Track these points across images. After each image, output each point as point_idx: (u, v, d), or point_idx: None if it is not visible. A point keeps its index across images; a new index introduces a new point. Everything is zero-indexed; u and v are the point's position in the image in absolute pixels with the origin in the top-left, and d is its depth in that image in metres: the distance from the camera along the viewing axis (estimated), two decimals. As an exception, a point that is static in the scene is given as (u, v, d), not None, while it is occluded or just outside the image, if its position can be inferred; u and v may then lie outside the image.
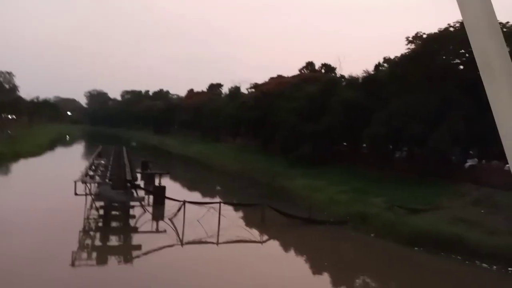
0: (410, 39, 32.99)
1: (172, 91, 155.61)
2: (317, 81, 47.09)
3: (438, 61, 29.85)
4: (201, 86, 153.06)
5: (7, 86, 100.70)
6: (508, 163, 1.13)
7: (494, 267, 15.84)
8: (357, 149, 39.45)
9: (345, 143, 43.55)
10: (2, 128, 71.16)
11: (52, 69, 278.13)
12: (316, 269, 16.82)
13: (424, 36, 32.05)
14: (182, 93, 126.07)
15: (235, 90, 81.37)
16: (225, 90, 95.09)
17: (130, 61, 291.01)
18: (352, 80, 40.37)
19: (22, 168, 41.50)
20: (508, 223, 18.50)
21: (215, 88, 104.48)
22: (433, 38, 30.78)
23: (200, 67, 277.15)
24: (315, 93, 43.20)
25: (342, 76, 45.73)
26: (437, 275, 16.07)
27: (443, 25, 31.04)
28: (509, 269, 15.59)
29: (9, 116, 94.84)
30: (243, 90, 78.85)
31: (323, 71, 57.20)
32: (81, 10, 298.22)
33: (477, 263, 16.25)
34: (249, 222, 22.22)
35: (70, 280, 13.24)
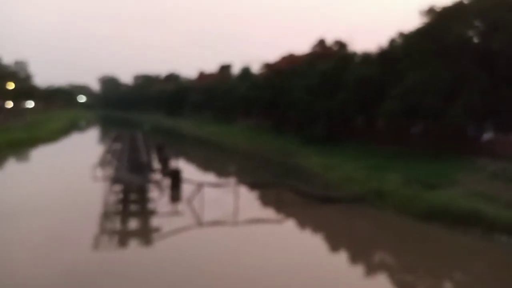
0: (424, 12, 32.24)
1: (183, 74, 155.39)
2: (330, 57, 46.49)
3: (452, 34, 29.17)
4: (212, 67, 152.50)
5: (22, 75, 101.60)
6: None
7: (513, 240, 15.80)
8: (372, 126, 39.12)
9: (359, 120, 43.21)
10: (19, 115, 72.26)
11: (65, 56, 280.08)
12: (334, 246, 16.97)
13: (438, 9, 31.30)
14: (193, 75, 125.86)
15: (246, 70, 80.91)
16: (236, 70, 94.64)
17: (141, 45, 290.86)
18: (366, 56, 39.73)
19: (40, 153, 42.22)
20: (526, 196, 18.34)
21: (226, 68, 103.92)
22: (447, 11, 30.03)
23: (211, 48, 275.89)
24: (327, 70, 42.71)
25: (355, 52, 44.99)
26: (455, 249, 16.10)
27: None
28: (529, 242, 15.54)
29: (26, 103, 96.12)
30: (254, 69, 78.44)
31: (335, 48, 56.34)
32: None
33: (495, 237, 16.21)
34: (266, 201, 22.42)
35: (93, 263, 13.59)
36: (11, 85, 78.88)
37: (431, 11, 31.78)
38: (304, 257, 15.18)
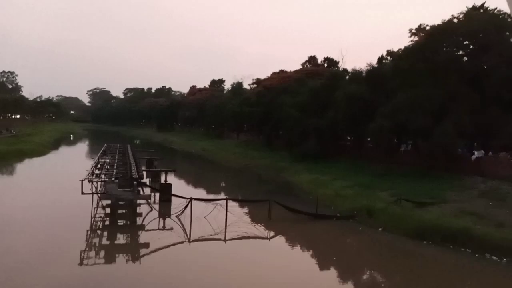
0: (414, 31, 32.77)
1: (174, 88, 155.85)
2: (320, 75, 47.00)
3: (442, 53, 29.64)
4: (203, 82, 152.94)
5: (10, 85, 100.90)
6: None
7: (504, 259, 15.78)
8: (361, 143, 39.31)
9: (349, 138, 43.42)
10: (6, 127, 71.43)
11: (55, 68, 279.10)
12: (324, 264, 16.81)
13: (428, 28, 31.80)
14: (185, 89, 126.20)
15: (238, 86, 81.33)
16: (227, 85, 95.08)
17: (132, 58, 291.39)
18: (356, 74, 40.17)
19: (27, 167, 41.63)
20: (516, 215, 18.43)
21: (217, 83, 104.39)
22: (436, 30, 30.55)
23: (202, 63, 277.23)
24: (318, 87, 43.07)
25: (345, 70, 45.50)
26: (446, 269, 16.03)
27: (446, 17, 30.81)
28: (518, 261, 15.53)
29: (13, 116, 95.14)
30: (246, 85, 78.88)
31: (325, 65, 56.99)
32: (83, 7, 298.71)
33: (486, 256, 16.19)
34: (256, 218, 22.22)
35: (78, 279, 13.27)
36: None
37: (420, 30, 32.33)
38: (293, 274, 15.00)
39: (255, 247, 18.24)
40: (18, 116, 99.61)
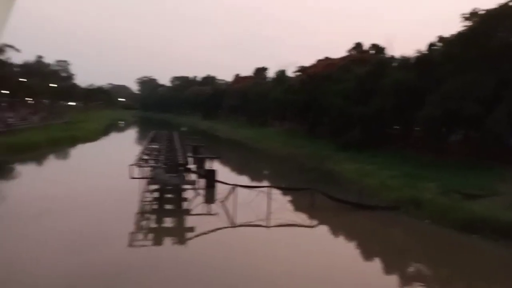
0: (467, 15, 31.32)
1: (219, 77, 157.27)
2: (366, 62, 45.86)
3: (496, 38, 28.21)
4: (247, 70, 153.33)
5: (63, 74, 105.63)
6: None
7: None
8: (409, 133, 38.30)
9: (396, 126, 42.37)
10: (60, 114, 75.03)
11: (105, 57, 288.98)
12: (368, 255, 16.66)
13: (482, 12, 30.33)
14: (229, 78, 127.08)
15: (281, 74, 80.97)
16: (271, 73, 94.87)
17: (179, 47, 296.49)
18: (404, 61, 38.97)
19: (79, 152, 43.65)
20: None
21: (261, 72, 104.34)
22: (491, 15, 29.08)
23: (246, 51, 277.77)
24: (364, 74, 42.16)
25: (392, 57, 44.16)
26: (496, 263, 15.51)
27: (502, 0, 29.21)
28: None
29: (66, 103, 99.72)
30: (290, 73, 78.40)
31: (372, 52, 55.54)
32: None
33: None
34: (299, 206, 22.32)
35: (127, 259, 13.91)
36: (52, 84, 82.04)
37: (474, 15, 30.86)
38: (337, 263, 15.04)
39: (298, 235, 18.36)
40: (71, 103, 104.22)
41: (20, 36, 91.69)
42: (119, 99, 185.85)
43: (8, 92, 64.90)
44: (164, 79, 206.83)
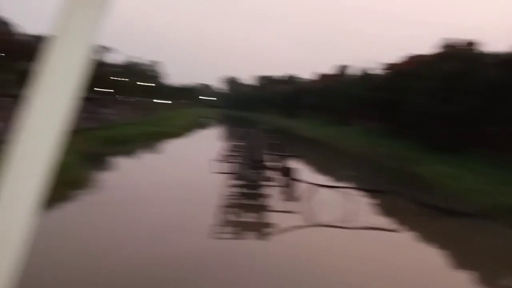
0: None
1: (300, 75, 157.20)
2: (457, 58, 43.03)
3: None
4: (327, 68, 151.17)
5: (154, 73, 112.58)
6: None
7: None
8: (507, 134, 35.27)
9: (490, 127, 39.23)
10: (150, 111, 79.95)
11: (191, 56, 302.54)
12: (460, 266, 15.58)
13: None
14: (309, 75, 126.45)
15: (362, 71, 78.77)
16: (352, 71, 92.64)
17: (259, 46, 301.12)
18: (499, 57, 35.98)
19: (167, 147, 46.20)
20: None
21: (342, 69, 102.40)
22: None
23: (326, 48, 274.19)
24: (454, 72, 39.60)
25: (486, 53, 40.98)
26: None
27: None
28: None
29: (156, 101, 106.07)
30: (372, 70, 75.93)
31: (463, 47, 51.93)
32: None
33: None
34: (381, 209, 21.61)
35: (209, 251, 14.41)
36: (145, 83, 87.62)
37: None
38: (424, 270, 14.30)
39: (381, 238, 17.75)
40: (160, 101, 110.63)
41: (115, 36, 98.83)
42: (204, 97, 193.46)
43: (106, 90, 70.66)
44: (245, 78, 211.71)
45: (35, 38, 61.28)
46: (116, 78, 74.19)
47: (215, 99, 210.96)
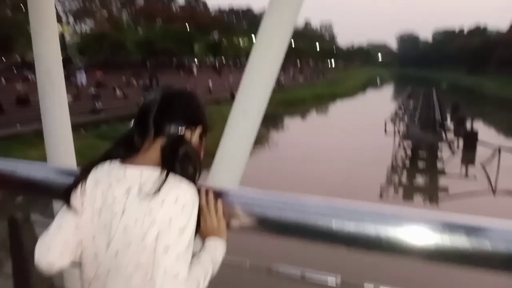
0: None
1: (491, 26, 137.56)
2: None
3: None
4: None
5: (327, 36, 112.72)
6: None
7: None
8: None
9: None
10: (322, 73, 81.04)
11: (364, 16, 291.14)
12: None
13: None
14: (504, 26, 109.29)
15: None
16: None
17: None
18: None
19: (337, 107, 47.04)
20: None
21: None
22: None
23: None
24: None
25: None
26: None
27: None
28: None
29: (328, 63, 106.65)
30: None
31: None
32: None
33: None
34: None
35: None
36: (317, 46, 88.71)
37: None
38: None
39: None
40: (332, 63, 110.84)
41: None
42: (377, 57, 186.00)
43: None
44: (425, 33, 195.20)
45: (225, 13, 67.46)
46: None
47: (390, 58, 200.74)
